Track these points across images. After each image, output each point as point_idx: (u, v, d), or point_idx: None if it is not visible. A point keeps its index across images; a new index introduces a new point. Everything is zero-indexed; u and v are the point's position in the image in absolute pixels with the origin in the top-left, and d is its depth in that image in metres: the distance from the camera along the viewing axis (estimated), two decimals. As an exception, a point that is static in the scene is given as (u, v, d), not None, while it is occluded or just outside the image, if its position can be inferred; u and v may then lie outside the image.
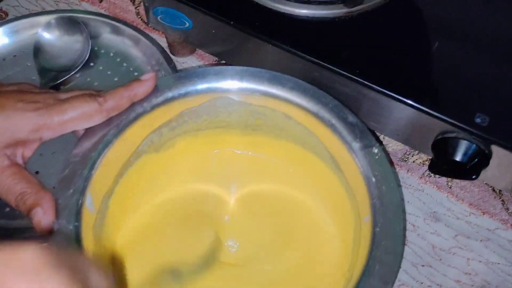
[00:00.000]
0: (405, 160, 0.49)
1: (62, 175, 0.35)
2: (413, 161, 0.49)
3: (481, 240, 0.45)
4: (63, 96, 0.37)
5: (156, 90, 0.40)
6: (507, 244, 0.45)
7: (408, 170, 0.49)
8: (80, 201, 0.34)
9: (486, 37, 0.45)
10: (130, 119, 0.39)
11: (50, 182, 0.38)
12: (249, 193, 0.44)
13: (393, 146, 0.50)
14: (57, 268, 0.20)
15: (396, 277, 0.32)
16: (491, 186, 0.47)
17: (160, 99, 0.40)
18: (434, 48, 0.44)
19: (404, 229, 0.34)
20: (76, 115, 0.35)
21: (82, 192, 0.35)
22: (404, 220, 0.44)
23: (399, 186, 0.47)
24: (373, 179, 0.37)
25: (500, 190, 0.47)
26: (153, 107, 0.40)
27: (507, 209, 0.46)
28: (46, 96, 0.36)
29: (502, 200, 0.47)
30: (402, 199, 0.45)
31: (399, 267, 0.32)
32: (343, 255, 0.39)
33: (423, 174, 0.48)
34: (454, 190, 0.47)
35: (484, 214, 0.46)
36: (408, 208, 0.46)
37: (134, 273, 0.38)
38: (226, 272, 0.40)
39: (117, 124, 0.38)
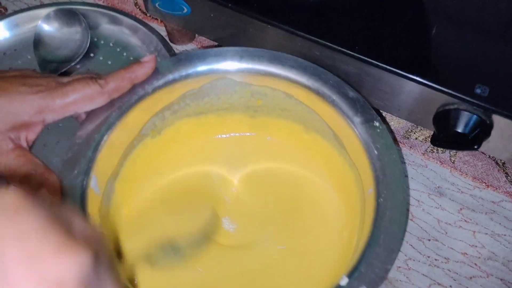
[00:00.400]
0: (408, 137, 0.49)
1: (66, 157, 0.35)
2: (416, 138, 0.49)
3: (486, 213, 0.45)
4: (65, 79, 0.37)
5: (156, 72, 0.40)
6: (512, 216, 0.45)
7: (411, 147, 0.49)
8: (85, 182, 0.35)
9: (484, 10, 0.45)
10: (132, 102, 0.39)
11: (55, 171, 0.38)
12: (252, 172, 0.44)
13: (395, 124, 0.50)
14: (38, 210, 0.20)
15: (401, 245, 0.32)
16: (494, 160, 0.47)
17: (161, 81, 0.40)
18: (433, 23, 0.44)
19: (407, 198, 0.34)
20: (78, 97, 0.36)
21: (87, 173, 0.35)
22: (407, 190, 0.45)
23: (402, 161, 0.47)
24: (375, 152, 0.37)
25: (503, 163, 0.47)
26: (155, 90, 0.40)
27: (511, 181, 0.46)
28: (49, 79, 0.36)
29: (506, 173, 0.47)
30: (406, 175, 0.46)
31: (404, 235, 0.33)
32: (349, 228, 0.39)
33: (426, 150, 0.48)
34: (458, 165, 0.47)
35: (488, 187, 0.46)
36: (412, 184, 0.46)
37: (134, 248, 0.38)
38: (228, 252, 0.40)
39: (119, 106, 0.38)
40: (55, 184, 0.34)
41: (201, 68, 0.42)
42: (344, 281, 0.31)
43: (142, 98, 0.40)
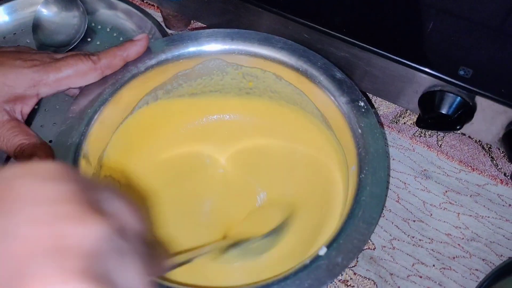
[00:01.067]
0: (396, 122, 0.50)
1: (60, 129, 0.36)
2: (404, 123, 0.50)
3: (471, 196, 0.46)
4: (59, 56, 0.38)
5: (149, 51, 0.41)
6: (497, 198, 0.46)
7: (399, 131, 0.50)
8: (77, 154, 0.36)
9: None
10: (125, 79, 0.40)
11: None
12: (243, 149, 0.45)
13: (384, 109, 0.51)
14: (70, 180, 0.20)
15: (379, 218, 0.33)
16: (480, 144, 0.48)
17: (153, 60, 0.41)
18: (420, 8, 0.45)
19: (388, 175, 0.35)
20: (71, 73, 0.37)
21: (79, 146, 0.36)
22: (388, 167, 0.46)
23: (387, 142, 0.48)
24: (359, 131, 0.38)
25: (489, 147, 0.48)
26: (147, 68, 0.41)
27: (497, 165, 0.47)
28: (43, 55, 0.38)
29: (492, 157, 0.48)
30: (387, 151, 0.47)
31: (382, 209, 0.34)
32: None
33: (413, 134, 0.49)
34: (444, 149, 0.48)
35: (473, 170, 0.47)
36: (399, 167, 0.47)
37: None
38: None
39: (112, 83, 0.39)
40: (48, 154, 0.35)
41: (193, 48, 0.43)
42: (323, 251, 0.32)
43: (135, 76, 0.41)
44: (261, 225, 0.39)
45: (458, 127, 0.39)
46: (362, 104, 0.39)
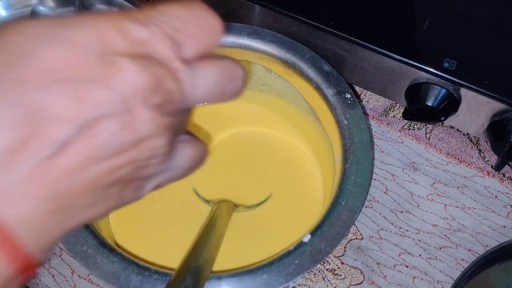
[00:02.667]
0: (386, 115, 0.51)
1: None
2: (393, 116, 0.51)
3: (458, 187, 0.47)
4: None
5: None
6: (484, 190, 0.46)
7: (388, 124, 0.50)
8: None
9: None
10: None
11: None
12: (236, 134, 0.46)
13: (374, 102, 0.52)
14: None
15: (362, 206, 0.34)
16: (468, 137, 0.49)
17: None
18: (404, 1, 0.46)
19: (372, 165, 0.36)
20: None
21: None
22: (372, 157, 0.46)
23: (370, 129, 0.49)
24: (345, 122, 0.39)
25: (477, 140, 0.49)
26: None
27: (484, 157, 0.48)
28: None
29: (479, 150, 0.48)
30: (372, 142, 0.47)
31: (365, 198, 0.34)
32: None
33: (402, 127, 0.50)
34: (432, 141, 0.49)
35: (461, 163, 0.48)
36: (388, 159, 0.48)
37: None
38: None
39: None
40: None
41: (183, 42, 0.43)
42: (307, 238, 0.33)
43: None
44: (244, 199, 0.42)
45: (442, 119, 0.40)
46: (348, 96, 0.40)
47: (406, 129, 0.50)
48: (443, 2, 0.45)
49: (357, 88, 0.52)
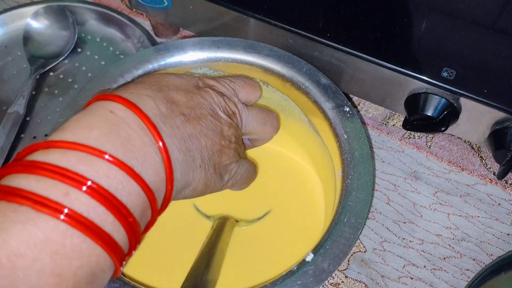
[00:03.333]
0: (385, 124, 0.50)
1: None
2: (393, 125, 0.50)
3: (460, 196, 0.46)
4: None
5: (136, 62, 0.42)
6: (487, 198, 0.46)
7: (388, 133, 0.50)
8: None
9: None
10: (112, 89, 0.40)
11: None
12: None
13: (373, 111, 0.51)
14: None
15: (365, 222, 0.34)
16: (470, 144, 0.49)
17: (140, 70, 0.42)
18: (403, 10, 0.46)
19: (373, 179, 0.35)
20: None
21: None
22: (373, 171, 0.46)
23: (370, 141, 0.49)
24: (345, 136, 0.38)
25: (479, 147, 0.48)
26: (134, 78, 0.41)
27: (486, 165, 0.47)
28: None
29: (481, 157, 0.48)
30: (374, 154, 0.47)
31: (368, 213, 0.34)
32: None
33: (402, 136, 0.50)
34: (433, 150, 0.49)
35: (463, 170, 0.47)
36: (389, 169, 0.48)
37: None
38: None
39: (102, 91, 0.40)
40: None
41: (179, 58, 0.43)
42: (310, 257, 0.32)
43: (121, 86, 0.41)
44: (244, 213, 0.42)
45: (443, 129, 0.39)
46: (347, 109, 0.39)
47: (406, 137, 0.49)
48: (440, 12, 0.44)
49: (355, 98, 0.52)
